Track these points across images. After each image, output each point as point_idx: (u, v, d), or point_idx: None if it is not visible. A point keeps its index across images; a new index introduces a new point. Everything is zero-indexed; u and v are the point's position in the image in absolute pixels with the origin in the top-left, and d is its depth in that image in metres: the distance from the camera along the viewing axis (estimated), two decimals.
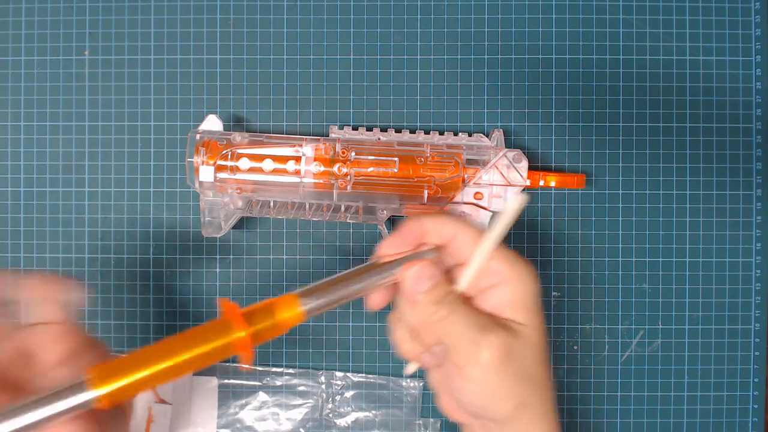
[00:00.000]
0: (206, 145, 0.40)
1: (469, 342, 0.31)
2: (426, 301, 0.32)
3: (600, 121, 0.45)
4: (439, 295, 0.32)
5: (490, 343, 0.30)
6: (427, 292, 0.32)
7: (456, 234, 0.33)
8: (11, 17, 0.45)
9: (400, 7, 0.45)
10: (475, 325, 0.31)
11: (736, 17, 0.44)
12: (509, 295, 0.32)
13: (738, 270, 0.45)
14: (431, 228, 0.33)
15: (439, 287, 0.32)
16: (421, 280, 0.32)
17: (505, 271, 0.32)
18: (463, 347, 0.31)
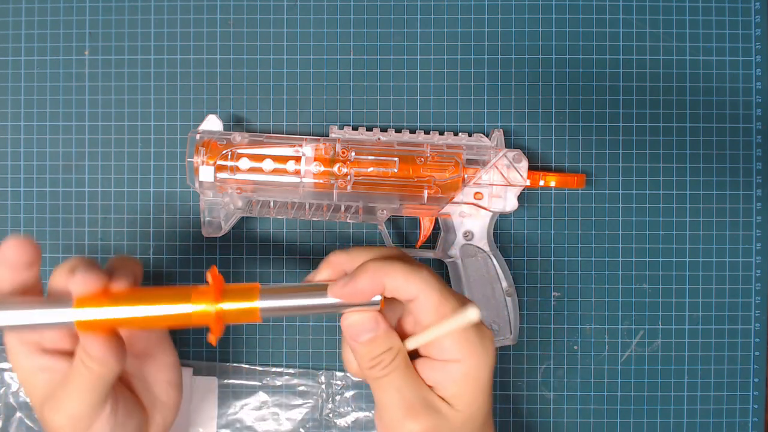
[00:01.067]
0: (206, 145, 0.40)
1: (392, 417, 0.30)
2: (362, 352, 0.31)
3: (600, 121, 0.45)
4: (376, 352, 0.31)
5: (410, 428, 0.30)
6: (364, 344, 0.31)
7: (419, 296, 0.30)
8: (11, 17, 0.45)
9: (400, 7, 0.45)
10: (403, 403, 0.30)
11: (736, 17, 0.44)
12: (455, 377, 0.30)
13: (738, 270, 0.45)
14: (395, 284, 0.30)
15: (376, 343, 0.31)
16: (361, 332, 0.31)
17: (459, 354, 0.30)
18: (386, 419, 0.30)
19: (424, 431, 0.30)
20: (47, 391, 0.32)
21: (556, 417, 0.45)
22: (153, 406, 0.35)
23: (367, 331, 0.31)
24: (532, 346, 0.45)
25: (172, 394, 0.36)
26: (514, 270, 0.45)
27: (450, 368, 0.31)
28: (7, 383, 0.45)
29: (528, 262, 0.45)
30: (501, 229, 0.45)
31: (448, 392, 0.31)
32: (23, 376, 0.32)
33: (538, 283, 0.45)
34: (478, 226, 0.42)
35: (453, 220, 0.42)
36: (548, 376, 0.45)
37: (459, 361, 0.30)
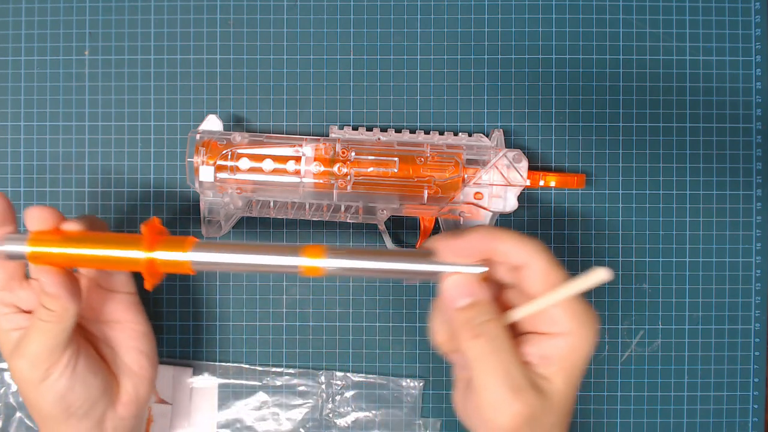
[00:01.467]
0: (206, 145, 0.40)
1: (495, 397, 0.28)
2: (461, 320, 0.29)
3: (600, 121, 0.45)
4: (478, 319, 0.29)
5: (514, 410, 0.28)
6: (464, 309, 0.29)
7: (530, 265, 0.29)
8: (11, 17, 0.45)
9: (400, 7, 0.45)
10: (508, 380, 0.28)
11: (736, 17, 0.44)
12: (562, 352, 0.29)
13: (738, 270, 0.45)
14: (506, 249, 0.29)
15: (479, 309, 0.29)
16: (460, 295, 0.29)
17: (569, 326, 0.29)
18: (489, 398, 0.28)
19: (529, 413, 0.28)
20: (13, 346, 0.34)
21: None
22: (122, 373, 0.36)
23: (468, 295, 0.29)
24: None
25: (144, 364, 0.37)
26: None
27: (557, 342, 0.29)
28: (7, 383, 0.45)
29: None
30: None
31: (552, 368, 0.29)
32: (2, 337, 0.34)
33: None
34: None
35: (453, 220, 0.42)
36: None
37: (568, 334, 0.29)
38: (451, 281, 0.29)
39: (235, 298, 0.45)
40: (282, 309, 0.45)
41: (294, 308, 0.45)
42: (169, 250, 0.32)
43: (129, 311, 0.37)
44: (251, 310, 0.45)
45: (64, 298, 0.32)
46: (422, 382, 0.45)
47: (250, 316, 0.45)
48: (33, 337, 0.32)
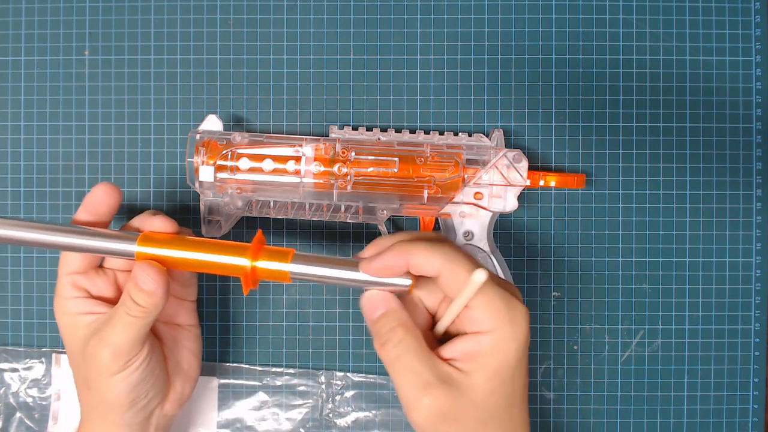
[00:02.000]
0: (206, 145, 0.40)
1: (406, 396, 0.30)
2: (374, 330, 0.32)
3: (600, 121, 0.45)
4: (386, 327, 0.31)
5: (424, 407, 0.30)
6: (376, 320, 0.32)
7: (441, 272, 0.31)
8: (11, 17, 0.45)
9: (400, 7, 0.45)
10: (417, 380, 0.30)
11: (736, 17, 0.44)
12: (483, 348, 0.30)
13: (738, 270, 0.45)
14: (416, 261, 0.31)
15: (387, 318, 0.31)
16: (375, 308, 0.32)
17: (490, 324, 0.30)
18: (402, 398, 0.31)
19: (440, 406, 0.30)
20: (90, 331, 0.35)
21: (556, 417, 0.45)
22: (175, 372, 0.39)
23: (379, 308, 0.31)
24: (532, 346, 0.44)
25: (194, 365, 0.40)
26: (514, 270, 0.45)
27: (479, 339, 0.31)
28: (7, 383, 0.45)
29: (528, 262, 0.45)
30: (501, 229, 0.45)
31: (472, 364, 0.30)
32: (69, 320, 0.36)
33: (538, 283, 0.45)
34: (478, 226, 0.42)
35: (453, 220, 0.42)
36: (548, 376, 0.45)
37: (490, 331, 0.30)
38: (366, 296, 0.32)
39: (235, 298, 0.45)
40: (282, 309, 0.45)
41: (294, 308, 0.45)
42: (271, 261, 0.35)
43: (190, 316, 0.40)
44: (251, 310, 0.45)
45: (157, 296, 0.34)
46: None
47: (250, 316, 0.45)
48: (118, 329, 0.34)
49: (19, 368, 0.45)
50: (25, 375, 0.45)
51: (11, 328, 0.45)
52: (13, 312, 0.45)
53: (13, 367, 0.45)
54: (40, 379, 0.45)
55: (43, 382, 0.45)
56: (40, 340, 0.45)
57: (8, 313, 0.45)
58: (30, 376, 0.45)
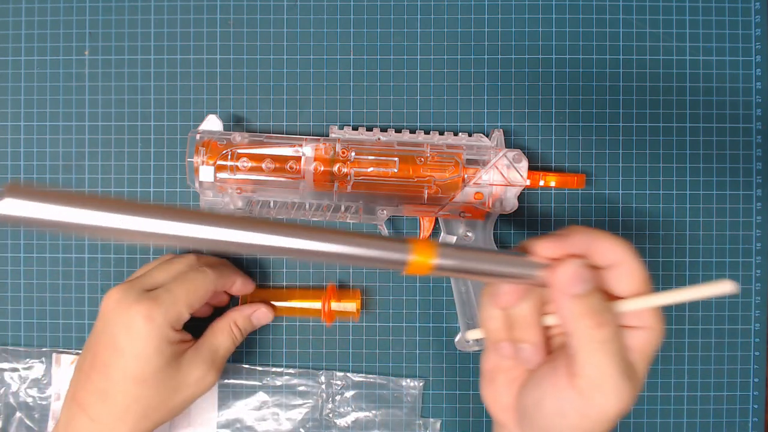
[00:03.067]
0: (206, 145, 0.40)
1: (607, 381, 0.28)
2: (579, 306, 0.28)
3: (600, 121, 0.45)
4: (597, 305, 0.29)
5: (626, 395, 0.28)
6: (582, 296, 0.28)
7: (624, 265, 0.29)
8: (11, 17, 0.45)
9: (400, 7, 0.45)
10: (621, 366, 0.28)
11: (736, 17, 0.44)
12: (643, 345, 0.30)
13: (738, 270, 0.45)
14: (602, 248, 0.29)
15: (595, 296, 0.29)
16: (579, 281, 0.28)
17: (651, 321, 0.29)
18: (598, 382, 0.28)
19: (631, 397, 0.29)
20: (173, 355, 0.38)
21: None
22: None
23: (585, 282, 0.29)
24: None
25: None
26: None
27: (639, 334, 0.30)
28: (7, 383, 0.45)
29: None
30: (501, 229, 0.45)
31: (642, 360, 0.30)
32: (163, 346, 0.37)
33: None
34: (479, 226, 0.42)
35: (453, 220, 0.42)
36: None
37: (648, 327, 0.29)
38: (566, 269, 0.29)
39: (235, 298, 0.45)
40: None
41: None
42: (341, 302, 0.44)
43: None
44: None
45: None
46: (422, 382, 0.45)
47: None
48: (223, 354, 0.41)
49: (19, 368, 0.45)
50: (25, 375, 0.45)
51: (11, 328, 0.45)
52: (13, 312, 0.45)
53: (13, 367, 0.45)
54: (40, 379, 0.45)
55: (43, 382, 0.45)
56: (40, 340, 0.45)
57: (8, 313, 0.45)
58: (30, 376, 0.45)
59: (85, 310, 0.45)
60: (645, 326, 0.30)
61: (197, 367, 0.39)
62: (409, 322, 0.45)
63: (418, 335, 0.45)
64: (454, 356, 0.45)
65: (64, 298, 0.45)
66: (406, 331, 0.45)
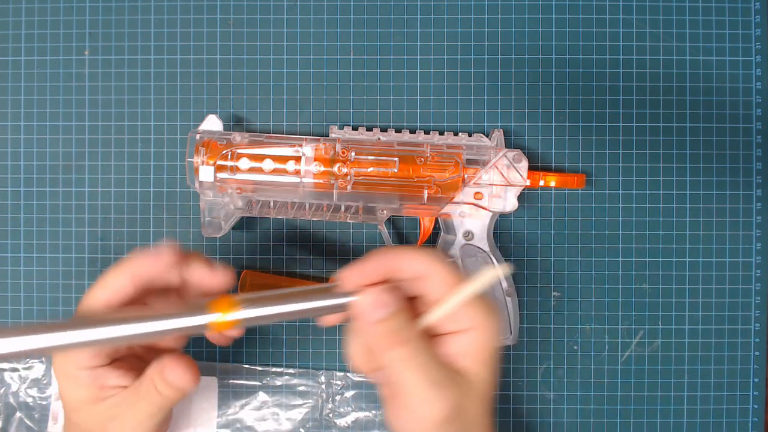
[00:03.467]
0: (206, 145, 0.40)
1: (420, 396, 0.30)
2: (379, 332, 0.30)
3: (600, 121, 0.45)
4: (396, 327, 0.30)
5: (441, 404, 0.30)
6: (383, 321, 0.30)
7: (430, 274, 0.31)
8: (11, 17, 0.45)
9: (400, 7, 0.45)
10: (429, 380, 0.30)
11: (736, 17, 0.44)
12: (471, 346, 0.31)
13: (738, 270, 0.45)
14: (404, 264, 0.31)
15: (397, 317, 0.30)
16: (376, 309, 0.30)
17: (472, 321, 0.31)
18: (414, 398, 0.30)
19: (452, 406, 0.30)
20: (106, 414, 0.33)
21: (556, 417, 0.45)
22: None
23: (385, 306, 0.30)
24: (532, 346, 0.45)
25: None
26: (514, 270, 0.45)
27: (463, 338, 0.31)
28: (7, 383, 0.45)
29: (528, 262, 0.45)
30: (501, 229, 0.45)
31: (463, 362, 0.31)
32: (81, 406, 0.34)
33: (538, 283, 0.45)
34: (478, 226, 0.42)
35: (453, 220, 0.42)
36: (548, 376, 0.45)
37: (472, 329, 0.31)
38: (365, 298, 0.31)
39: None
40: None
41: None
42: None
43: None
44: None
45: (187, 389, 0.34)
46: None
47: None
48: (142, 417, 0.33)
49: (19, 368, 0.45)
50: (25, 375, 0.45)
51: None
52: (13, 312, 0.45)
53: (13, 366, 0.45)
54: (40, 379, 0.45)
55: (43, 382, 0.45)
56: None
57: (8, 313, 0.45)
58: (30, 375, 0.45)
59: None
60: (469, 328, 0.31)
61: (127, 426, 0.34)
62: None
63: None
64: None
65: (64, 298, 0.45)
66: None
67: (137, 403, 0.33)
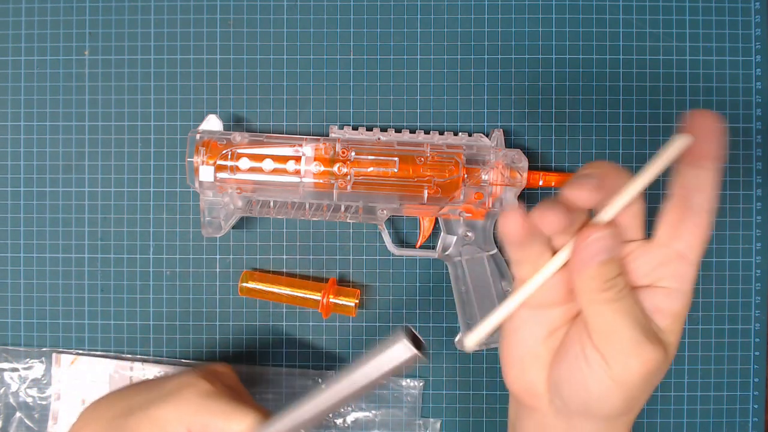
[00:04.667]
0: (206, 145, 0.40)
1: (628, 343, 0.27)
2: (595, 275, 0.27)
3: (600, 121, 0.45)
4: (612, 273, 0.28)
5: (647, 356, 0.27)
6: (601, 264, 0.27)
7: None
8: (11, 17, 0.45)
9: (400, 7, 0.45)
10: (640, 328, 0.27)
11: (736, 17, 0.44)
12: (675, 308, 0.28)
13: (738, 270, 0.45)
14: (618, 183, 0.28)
15: (614, 264, 0.28)
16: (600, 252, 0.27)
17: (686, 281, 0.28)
18: (620, 345, 0.27)
19: (657, 361, 0.28)
20: None
21: None
22: None
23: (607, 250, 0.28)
24: None
25: None
26: None
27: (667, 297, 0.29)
28: (7, 383, 0.45)
29: None
30: None
31: (666, 322, 0.29)
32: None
33: None
34: (479, 226, 0.42)
35: (453, 220, 0.42)
36: None
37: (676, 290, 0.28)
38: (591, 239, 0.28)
39: (235, 298, 0.45)
40: (282, 309, 0.45)
41: (294, 308, 0.45)
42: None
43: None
44: (251, 310, 0.45)
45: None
46: (422, 382, 0.45)
47: (249, 315, 0.45)
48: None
49: (19, 368, 0.45)
50: (25, 375, 0.45)
51: (11, 328, 0.45)
52: (13, 312, 0.45)
53: (13, 366, 0.45)
54: (40, 379, 0.45)
55: (43, 382, 0.45)
56: (40, 340, 0.45)
57: (8, 313, 0.45)
58: (30, 376, 0.45)
59: (85, 310, 0.45)
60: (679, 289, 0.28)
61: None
62: (409, 321, 0.45)
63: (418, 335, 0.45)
64: (454, 356, 0.45)
65: (64, 298, 0.45)
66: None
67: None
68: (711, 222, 0.28)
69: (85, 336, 0.45)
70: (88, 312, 0.45)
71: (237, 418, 0.34)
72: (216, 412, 0.34)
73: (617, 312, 0.28)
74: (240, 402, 0.35)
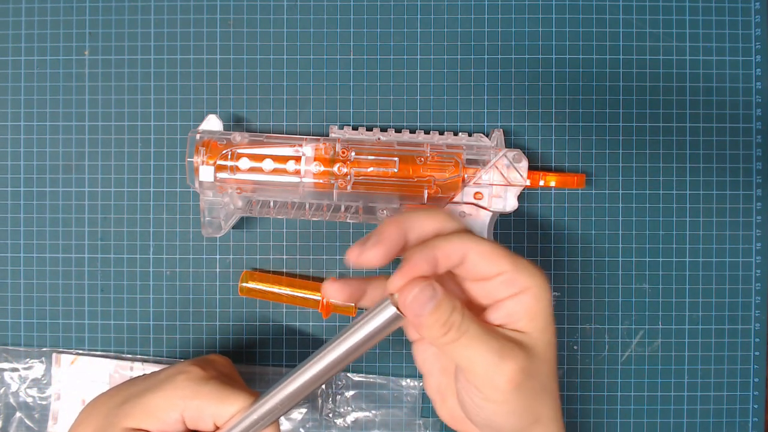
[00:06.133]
0: (206, 145, 0.40)
1: (485, 367, 0.29)
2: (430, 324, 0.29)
3: (600, 121, 0.45)
4: (445, 316, 0.29)
5: (508, 369, 0.29)
6: (431, 314, 0.29)
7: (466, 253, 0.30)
8: (11, 17, 0.45)
9: (400, 7, 0.45)
10: (491, 350, 0.29)
11: (736, 17, 0.44)
12: (524, 308, 0.30)
13: (738, 270, 0.45)
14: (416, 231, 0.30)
15: (442, 306, 0.29)
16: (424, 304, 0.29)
17: (524, 281, 0.30)
18: (480, 371, 0.29)
19: (522, 369, 0.29)
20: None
21: None
22: None
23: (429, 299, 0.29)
24: None
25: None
26: None
27: (515, 302, 0.30)
28: (7, 383, 0.45)
29: None
30: (501, 229, 0.45)
31: (521, 322, 0.30)
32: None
33: None
34: (478, 226, 0.42)
35: None
36: None
37: (525, 291, 0.30)
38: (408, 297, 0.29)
39: (235, 298, 0.45)
40: (282, 309, 0.45)
41: (294, 308, 0.45)
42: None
43: None
44: (251, 310, 0.45)
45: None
46: (422, 382, 0.45)
47: (249, 316, 0.45)
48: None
49: (19, 368, 0.45)
50: (25, 375, 0.45)
51: (11, 328, 0.45)
52: (13, 312, 0.45)
53: (13, 366, 0.45)
54: (40, 379, 0.45)
55: (43, 382, 0.45)
56: (40, 340, 0.45)
57: (8, 313, 0.45)
58: (30, 375, 0.45)
59: (85, 310, 0.45)
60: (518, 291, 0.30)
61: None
62: None
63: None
64: None
65: (64, 298, 0.45)
66: None
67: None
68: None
69: (85, 336, 0.45)
70: (88, 312, 0.45)
71: (229, 401, 0.34)
72: (208, 395, 0.34)
73: (465, 346, 0.29)
74: (232, 386, 0.35)
